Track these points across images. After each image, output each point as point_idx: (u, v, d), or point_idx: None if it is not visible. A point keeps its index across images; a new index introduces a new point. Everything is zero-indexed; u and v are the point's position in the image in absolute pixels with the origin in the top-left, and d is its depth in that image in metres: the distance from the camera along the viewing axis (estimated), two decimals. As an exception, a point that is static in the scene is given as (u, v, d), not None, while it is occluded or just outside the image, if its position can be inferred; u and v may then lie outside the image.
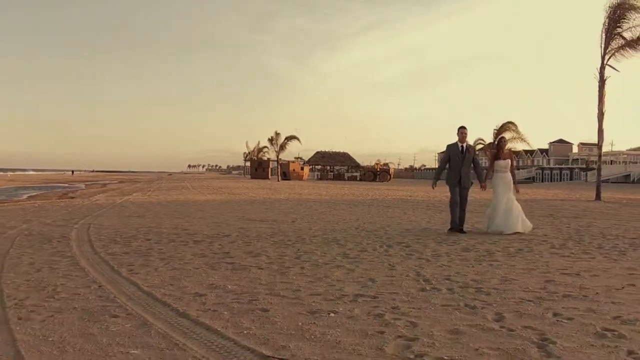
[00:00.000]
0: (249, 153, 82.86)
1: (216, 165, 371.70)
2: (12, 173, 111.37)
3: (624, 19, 23.39)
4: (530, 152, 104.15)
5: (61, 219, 11.98)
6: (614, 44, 23.63)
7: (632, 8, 23.11)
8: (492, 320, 3.68)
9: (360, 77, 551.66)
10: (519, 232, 8.91)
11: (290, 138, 55.64)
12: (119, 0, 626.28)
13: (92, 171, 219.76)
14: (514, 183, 9.39)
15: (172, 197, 21.09)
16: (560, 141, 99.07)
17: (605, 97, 23.89)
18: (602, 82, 23.79)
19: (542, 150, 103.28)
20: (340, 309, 3.93)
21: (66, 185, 56.78)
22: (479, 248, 7.26)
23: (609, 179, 71.44)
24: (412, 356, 2.94)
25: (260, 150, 77.63)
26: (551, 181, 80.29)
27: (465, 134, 9.25)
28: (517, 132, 43.65)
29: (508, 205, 9.08)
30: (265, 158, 73.33)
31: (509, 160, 9.35)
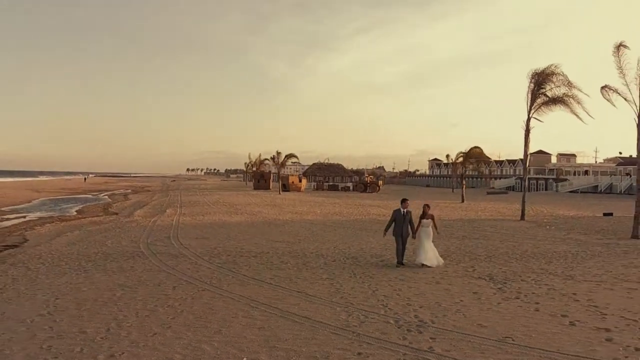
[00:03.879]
0: (252, 164, 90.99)
1: (215, 169, 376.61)
2: (31, 178, 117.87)
3: (546, 82, 30.99)
4: (513, 162, 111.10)
5: (154, 239, 19.44)
6: (539, 101, 31.27)
7: (552, 74, 30.76)
8: (351, 272, 11.64)
9: (356, 79, 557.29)
10: (430, 266, 13.43)
11: (289, 156, 63.86)
12: (116, 2, 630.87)
13: (96, 175, 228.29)
14: (435, 229, 14.09)
15: (208, 219, 28.84)
16: (540, 152, 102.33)
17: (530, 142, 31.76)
18: (527, 131, 31.47)
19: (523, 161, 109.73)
20: (316, 268, 12.07)
21: (90, 196, 63.63)
22: (388, 258, 15.12)
23: (578, 190, 78.52)
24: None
25: (261, 162, 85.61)
26: (529, 191, 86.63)
27: (407, 205, 14.07)
28: (482, 154, 53.12)
29: (428, 247, 13.77)
30: (267, 171, 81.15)
31: (430, 220, 13.99)
